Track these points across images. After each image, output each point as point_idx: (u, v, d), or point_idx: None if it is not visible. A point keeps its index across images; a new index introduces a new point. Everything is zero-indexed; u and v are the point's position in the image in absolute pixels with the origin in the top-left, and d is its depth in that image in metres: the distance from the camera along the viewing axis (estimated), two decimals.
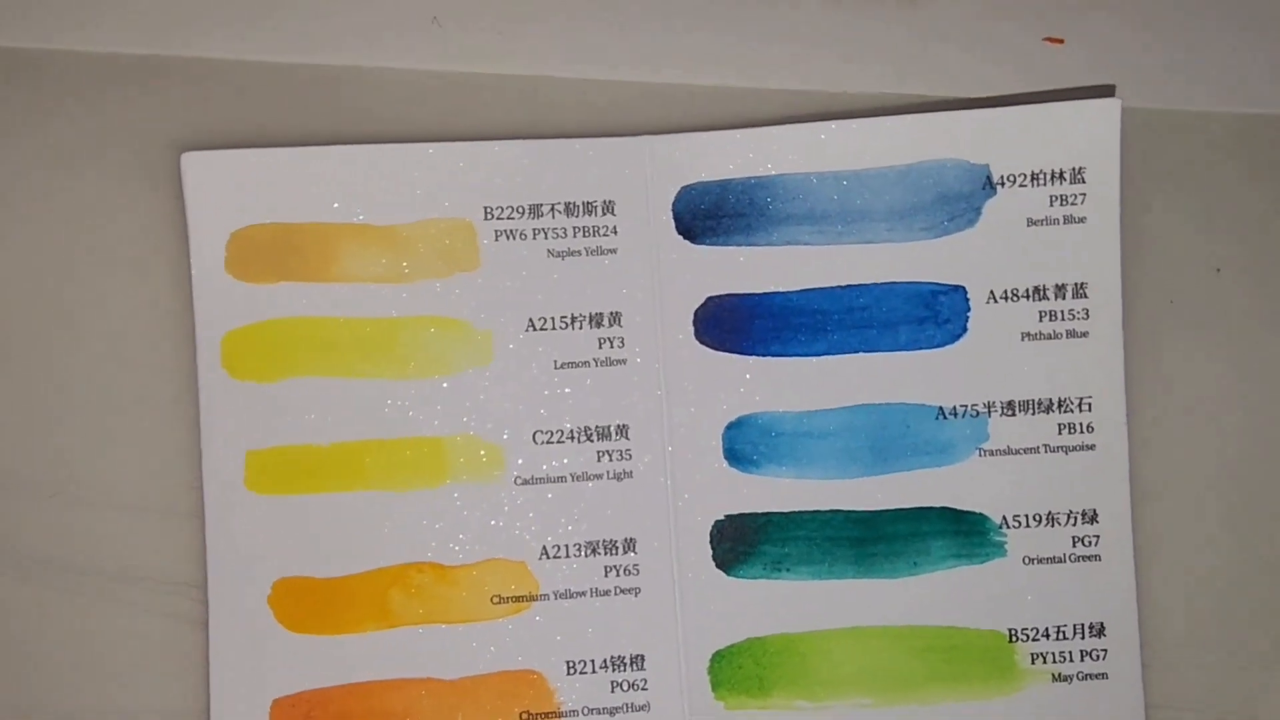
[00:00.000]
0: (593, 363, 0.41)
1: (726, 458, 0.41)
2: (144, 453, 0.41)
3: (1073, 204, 0.41)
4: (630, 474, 0.41)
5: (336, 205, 0.40)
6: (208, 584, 0.40)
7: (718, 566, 0.41)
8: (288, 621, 0.40)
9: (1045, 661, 0.41)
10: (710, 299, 0.41)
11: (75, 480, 0.40)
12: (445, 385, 0.41)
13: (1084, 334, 0.41)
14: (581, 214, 0.41)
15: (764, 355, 0.41)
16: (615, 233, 0.41)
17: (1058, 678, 0.41)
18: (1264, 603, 0.42)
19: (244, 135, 0.41)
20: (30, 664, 0.40)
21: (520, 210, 0.41)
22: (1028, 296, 0.41)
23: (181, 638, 0.40)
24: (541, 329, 0.41)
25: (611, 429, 0.41)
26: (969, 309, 0.41)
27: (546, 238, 0.41)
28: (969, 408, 0.41)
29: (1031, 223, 0.41)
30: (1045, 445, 0.41)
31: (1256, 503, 0.42)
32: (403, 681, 0.40)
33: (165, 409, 0.41)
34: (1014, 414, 0.41)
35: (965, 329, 0.41)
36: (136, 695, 0.40)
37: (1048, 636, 0.41)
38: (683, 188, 0.41)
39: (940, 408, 0.41)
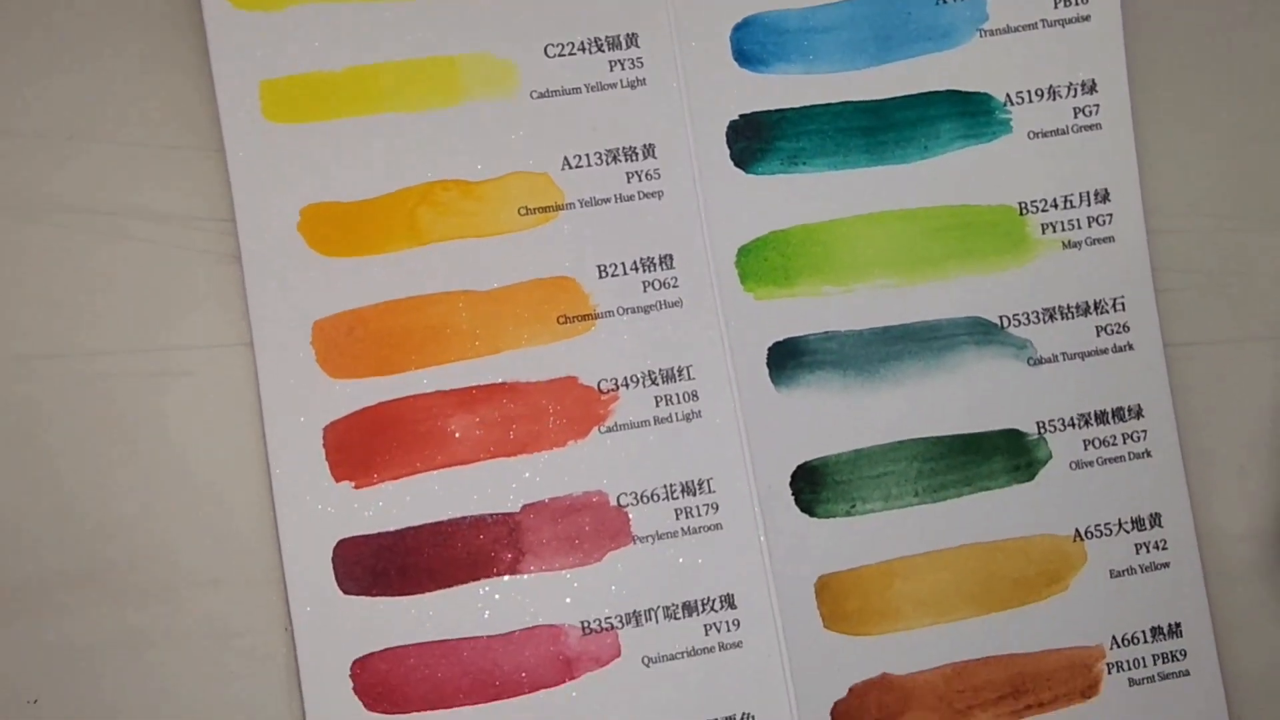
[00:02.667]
0: None
1: (736, 59, 0.42)
2: (155, 89, 0.40)
3: None
4: (645, 81, 0.42)
5: None
6: (235, 217, 0.40)
7: (736, 165, 0.42)
8: (319, 246, 0.40)
9: (1055, 230, 0.43)
10: None
11: (85, 117, 0.40)
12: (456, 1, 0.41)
13: None
14: None
15: None
16: None
17: (1067, 245, 0.43)
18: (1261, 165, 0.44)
19: None
20: (61, 306, 0.40)
21: None
22: None
23: (217, 272, 0.41)
24: None
25: (621, 38, 0.42)
26: None
27: None
28: None
29: None
30: (1043, 20, 0.42)
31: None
32: (439, 295, 0.41)
33: (172, 45, 0.40)
34: None
35: None
36: (177, 332, 0.40)
37: (1056, 206, 0.43)
38: None
39: None
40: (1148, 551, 0.42)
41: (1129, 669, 0.42)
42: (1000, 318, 0.42)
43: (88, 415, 0.40)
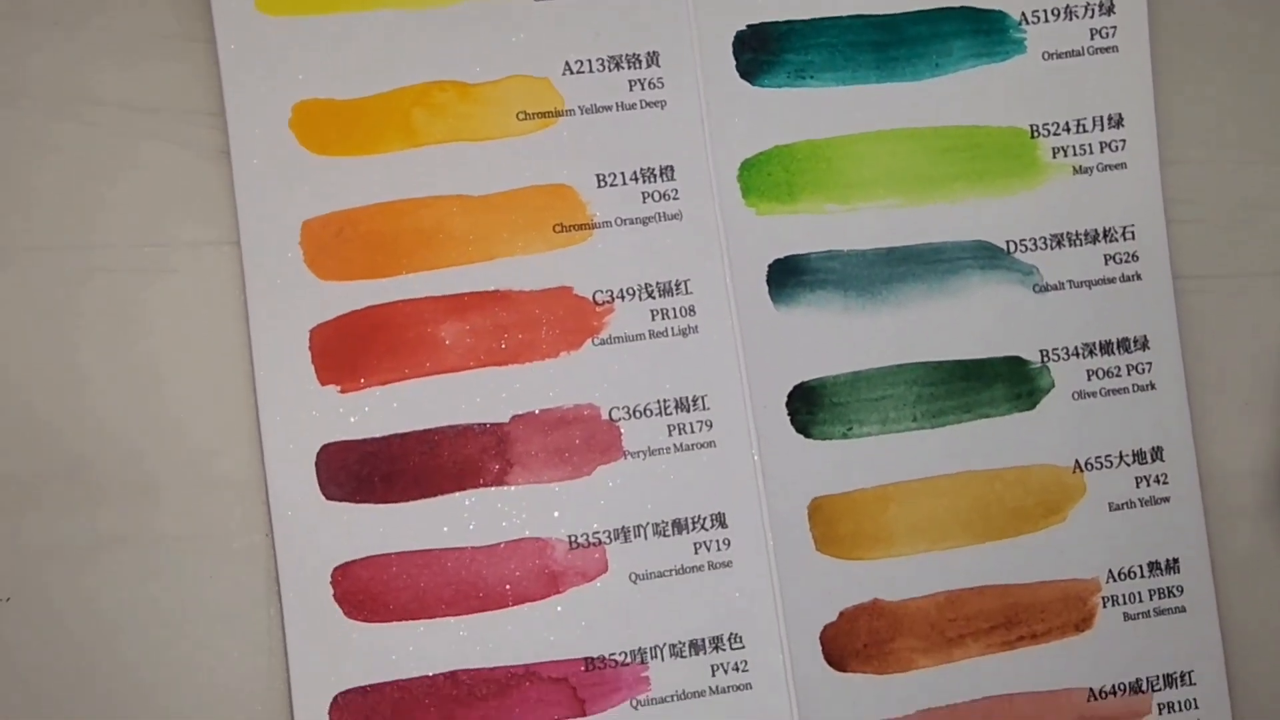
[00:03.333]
0: None
1: None
2: None
3: None
4: None
5: None
6: (225, 111, 0.39)
7: (742, 77, 0.41)
8: (311, 144, 0.39)
9: (1066, 155, 0.42)
10: None
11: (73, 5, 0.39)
12: None
13: None
14: None
15: None
16: None
17: (1078, 170, 0.42)
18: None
19: None
20: (42, 197, 0.39)
21: None
22: None
23: (205, 168, 0.39)
24: None
25: None
26: None
27: None
28: None
29: None
30: None
31: None
32: (432, 199, 0.40)
33: None
34: None
35: None
36: (162, 228, 0.39)
37: (1068, 130, 0.42)
38: None
39: None
40: (1148, 485, 0.41)
41: (1124, 603, 0.41)
42: (1007, 242, 0.41)
43: (66, 310, 0.39)
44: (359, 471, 0.38)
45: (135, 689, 0.38)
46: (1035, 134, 0.42)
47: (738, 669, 0.39)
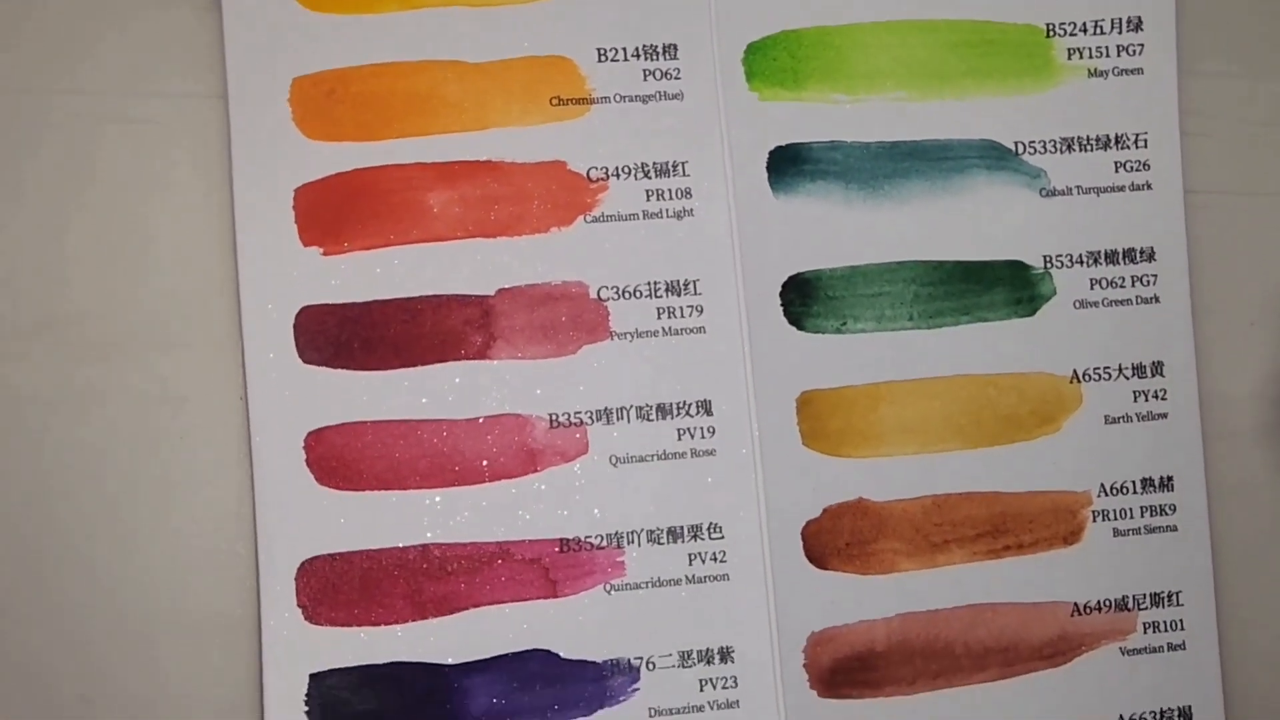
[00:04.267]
0: None
1: None
2: None
3: None
4: None
5: None
6: None
7: None
8: (306, 0, 0.38)
9: (1082, 57, 0.40)
10: None
11: None
12: None
13: None
14: None
15: None
16: None
17: (1093, 73, 0.41)
18: None
19: None
20: (15, 40, 0.38)
21: None
22: None
23: (195, 19, 0.38)
24: None
25: None
26: None
27: None
28: None
29: None
30: None
31: None
32: (428, 63, 0.39)
33: None
34: None
35: None
36: (147, 78, 0.38)
37: (1085, 31, 0.40)
38: None
39: None
40: (1146, 400, 0.40)
41: (1115, 519, 0.40)
42: (1016, 143, 0.40)
43: (43, 159, 0.38)
44: (338, 336, 0.37)
45: (104, 545, 0.37)
46: (1051, 33, 0.40)
47: (716, 559, 0.38)
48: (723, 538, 0.38)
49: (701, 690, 0.38)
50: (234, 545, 0.37)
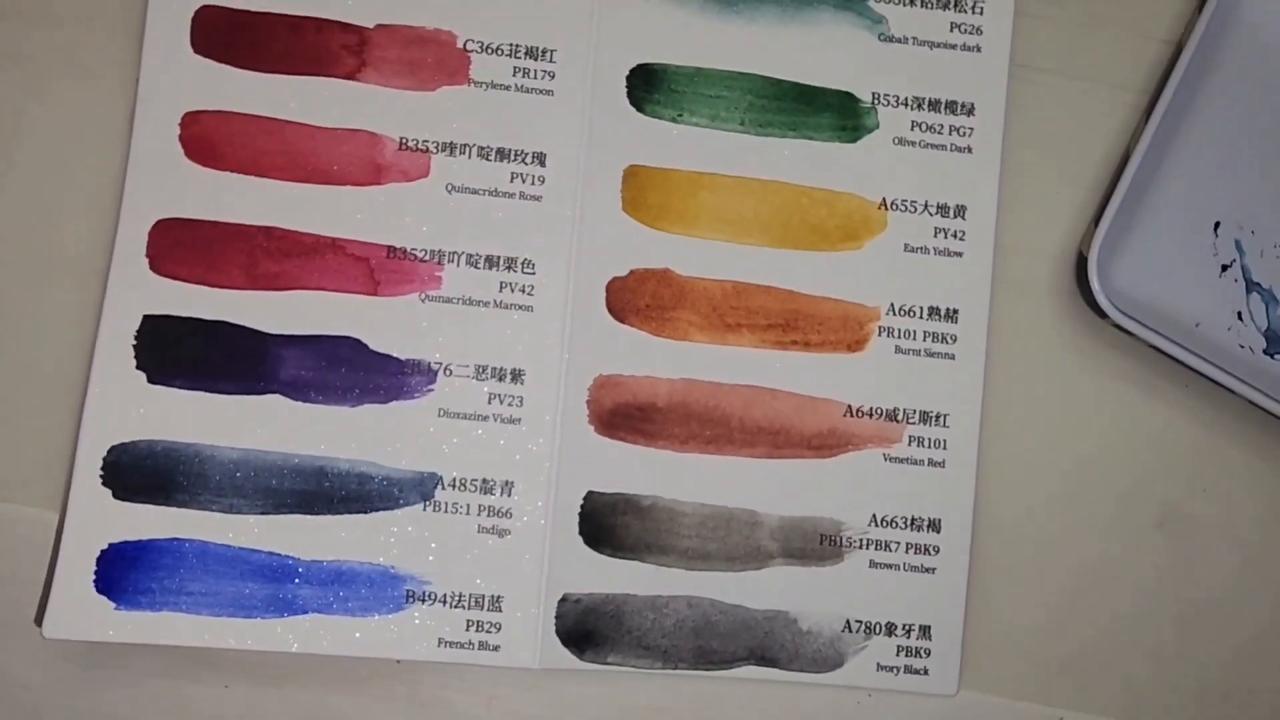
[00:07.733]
0: None
1: None
2: None
3: None
4: None
5: None
6: None
7: None
8: None
9: None
10: None
11: None
12: None
13: None
14: None
15: None
16: None
17: None
18: None
19: None
20: None
21: None
22: None
23: None
24: None
25: None
26: None
27: None
28: None
29: None
30: None
31: None
32: None
33: None
34: None
35: None
36: None
37: None
38: None
39: None
40: (945, 238, 0.44)
41: (898, 337, 0.44)
42: None
43: None
44: (228, 38, 0.42)
45: None
46: None
47: (525, 291, 0.42)
48: (534, 274, 0.42)
49: (489, 403, 0.42)
50: (101, 201, 0.42)
